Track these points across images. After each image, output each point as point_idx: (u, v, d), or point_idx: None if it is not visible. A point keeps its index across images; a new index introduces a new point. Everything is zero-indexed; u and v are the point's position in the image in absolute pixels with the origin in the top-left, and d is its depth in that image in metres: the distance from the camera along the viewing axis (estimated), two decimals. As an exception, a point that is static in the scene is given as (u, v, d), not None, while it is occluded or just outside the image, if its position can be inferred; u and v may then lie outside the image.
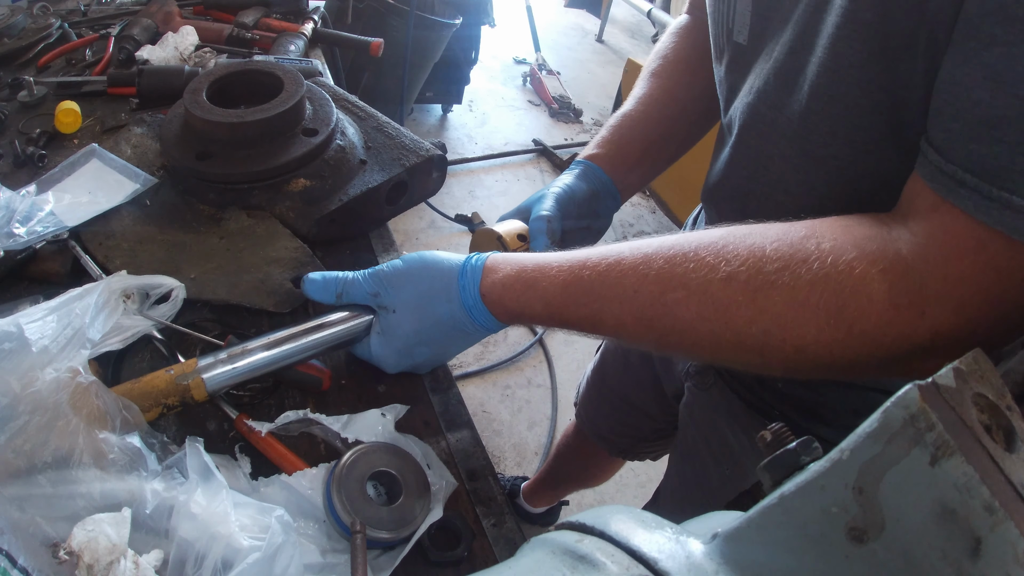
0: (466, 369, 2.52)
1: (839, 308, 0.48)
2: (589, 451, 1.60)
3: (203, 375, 0.68)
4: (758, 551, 0.34)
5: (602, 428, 1.42)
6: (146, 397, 0.67)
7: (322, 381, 0.80)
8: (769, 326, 0.51)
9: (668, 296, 0.54)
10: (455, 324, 0.68)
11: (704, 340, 0.54)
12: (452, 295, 0.66)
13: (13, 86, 1.22)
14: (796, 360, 0.52)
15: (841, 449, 0.30)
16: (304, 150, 0.96)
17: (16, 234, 0.85)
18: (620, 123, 0.94)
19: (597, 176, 0.89)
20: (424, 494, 0.69)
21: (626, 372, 1.27)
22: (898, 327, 0.48)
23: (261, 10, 1.49)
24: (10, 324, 0.63)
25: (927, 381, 0.29)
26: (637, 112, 0.94)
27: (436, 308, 0.68)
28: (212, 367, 0.69)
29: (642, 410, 1.29)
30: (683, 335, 0.55)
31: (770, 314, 0.50)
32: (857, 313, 0.48)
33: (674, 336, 0.55)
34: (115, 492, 0.58)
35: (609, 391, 1.35)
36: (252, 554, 0.54)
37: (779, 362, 0.53)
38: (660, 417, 1.25)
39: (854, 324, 0.48)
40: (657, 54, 0.99)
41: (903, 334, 0.48)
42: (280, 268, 0.89)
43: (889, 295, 0.48)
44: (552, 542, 0.40)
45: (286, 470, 0.70)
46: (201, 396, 0.69)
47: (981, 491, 0.27)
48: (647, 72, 0.98)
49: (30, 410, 0.59)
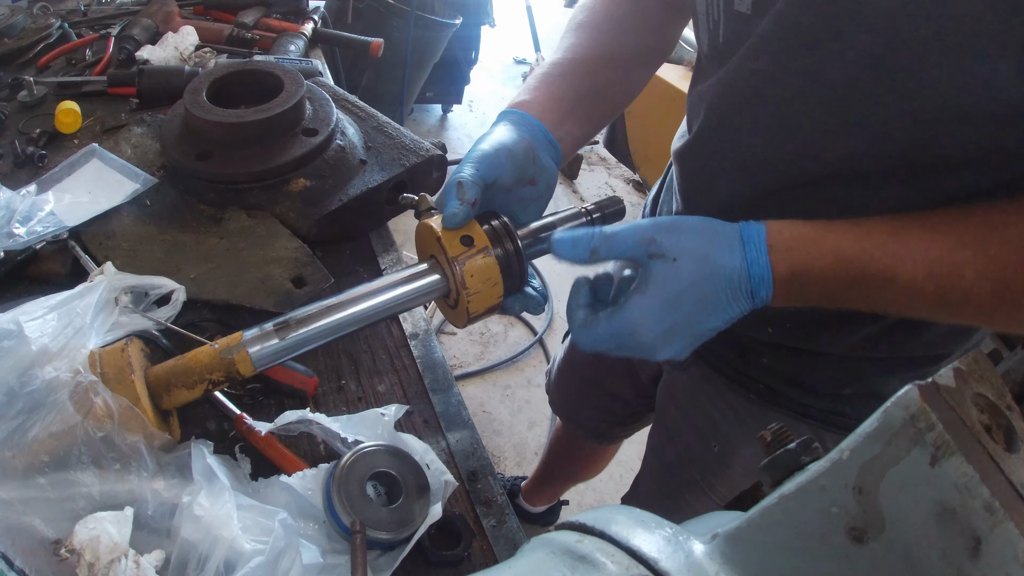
0: (466, 369, 2.52)
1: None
2: (577, 442, 1.63)
3: (248, 348, 0.65)
4: (758, 551, 0.34)
5: (578, 415, 1.44)
6: (190, 373, 0.65)
7: (306, 391, 0.79)
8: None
9: (956, 255, 0.57)
10: (731, 281, 0.62)
11: (985, 300, 0.58)
12: (735, 245, 0.62)
13: (13, 86, 1.22)
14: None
15: (841, 449, 0.30)
16: (304, 150, 0.96)
17: (16, 234, 0.85)
18: (549, 71, 0.84)
19: (527, 123, 0.77)
20: (424, 494, 0.69)
21: (598, 360, 1.27)
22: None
23: (261, 10, 1.49)
24: (9, 322, 0.62)
25: (927, 381, 0.29)
26: (567, 60, 0.85)
27: (719, 259, 0.61)
28: (258, 340, 0.65)
29: (616, 395, 1.30)
30: (966, 294, 0.58)
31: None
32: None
33: (957, 295, 0.58)
34: (115, 491, 0.58)
35: (581, 379, 1.36)
36: (255, 558, 0.54)
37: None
38: (635, 401, 1.28)
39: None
40: (583, 7, 0.91)
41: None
42: (280, 268, 0.89)
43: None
44: (552, 542, 0.40)
45: (286, 470, 0.70)
46: (247, 370, 0.65)
47: (981, 491, 0.27)
48: (574, 24, 0.90)
49: (29, 409, 0.59)
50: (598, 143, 3.79)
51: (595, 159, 3.84)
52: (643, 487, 1.27)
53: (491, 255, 0.68)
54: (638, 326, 0.63)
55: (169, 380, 0.66)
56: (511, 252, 0.69)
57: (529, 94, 0.81)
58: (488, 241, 0.68)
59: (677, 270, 0.61)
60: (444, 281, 0.69)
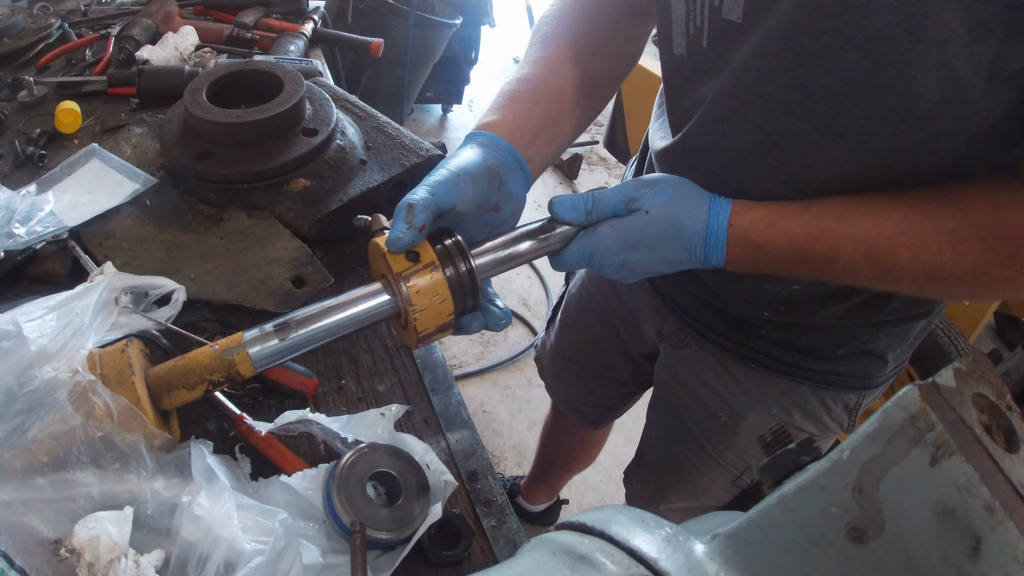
0: (466, 369, 2.52)
1: (1014, 254, 0.63)
2: (567, 429, 1.67)
3: (248, 349, 0.65)
4: (758, 551, 0.34)
5: (575, 401, 1.47)
6: (190, 374, 0.65)
7: (306, 391, 0.79)
8: (968, 267, 0.64)
9: (893, 240, 0.66)
10: (688, 245, 0.71)
11: (917, 277, 0.67)
12: (701, 215, 0.70)
13: (13, 86, 1.22)
14: (984, 294, 0.68)
15: (841, 449, 0.30)
16: (304, 150, 0.96)
17: (16, 234, 0.85)
18: (517, 88, 0.82)
19: (496, 145, 0.74)
20: (424, 494, 0.69)
21: (591, 346, 1.29)
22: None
23: (261, 10, 1.49)
24: (8, 323, 0.62)
25: (927, 381, 0.29)
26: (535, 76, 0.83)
27: (684, 222, 0.70)
28: (258, 341, 0.65)
29: (611, 378, 1.33)
30: (900, 272, 0.67)
31: (969, 259, 0.64)
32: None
33: (892, 272, 0.67)
34: (115, 491, 0.58)
35: (575, 364, 1.38)
36: (255, 558, 0.54)
37: (970, 296, 0.69)
38: (630, 380, 1.32)
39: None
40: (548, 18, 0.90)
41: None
42: (280, 268, 0.89)
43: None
44: (552, 542, 0.40)
45: (286, 470, 0.70)
46: (247, 371, 0.65)
47: (981, 491, 0.27)
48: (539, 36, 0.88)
49: (28, 409, 0.59)
50: (598, 143, 3.79)
51: (595, 159, 3.84)
52: (649, 460, 1.29)
53: (439, 272, 0.66)
54: (603, 251, 0.72)
55: (169, 381, 0.66)
56: (462, 270, 0.67)
57: (498, 114, 0.79)
58: (436, 257, 0.67)
59: (646, 222, 0.71)
60: (393, 301, 0.67)
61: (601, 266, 0.73)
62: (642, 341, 1.16)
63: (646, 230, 0.70)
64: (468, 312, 0.70)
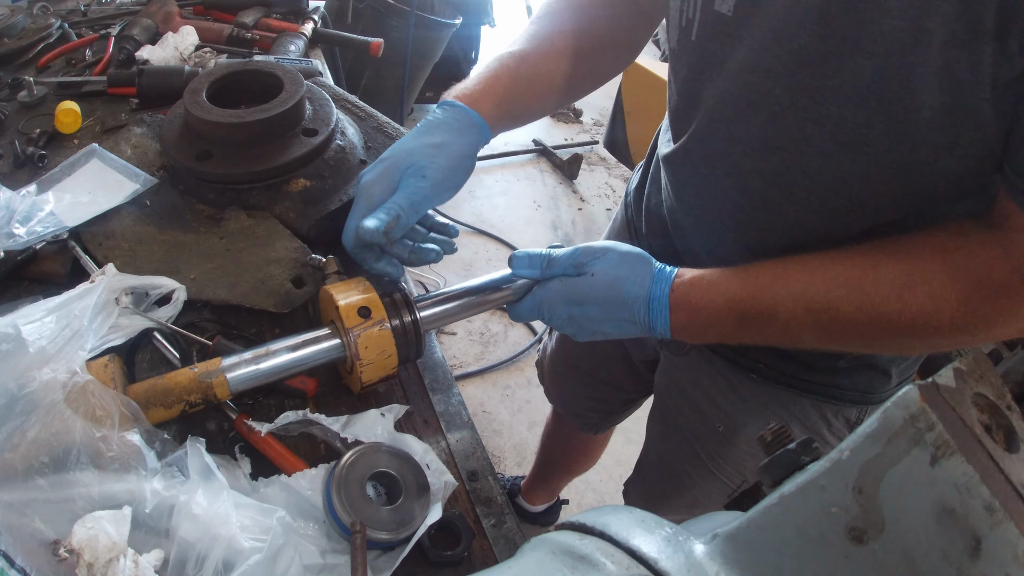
0: (466, 369, 2.52)
1: (966, 299, 0.62)
2: (568, 433, 1.67)
3: (227, 374, 0.69)
4: (758, 551, 0.34)
5: (576, 406, 1.47)
6: (169, 394, 0.67)
7: (306, 391, 0.80)
8: (916, 314, 0.63)
9: (832, 293, 0.66)
10: (631, 309, 0.74)
11: (863, 329, 0.66)
12: (645, 282, 0.74)
13: (13, 86, 1.22)
14: (935, 342, 0.66)
15: (841, 449, 0.30)
16: (304, 150, 0.96)
17: (16, 234, 0.85)
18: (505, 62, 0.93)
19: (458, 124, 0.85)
20: (424, 494, 0.69)
21: (592, 350, 1.30)
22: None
23: (261, 10, 1.49)
24: (7, 325, 0.62)
25: (927, 381, 0.29)
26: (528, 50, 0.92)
27: (628, 287, 0.74)
28: (236, 367, 0.70)
29: (612, 384, 1.34)
30: (846, 326, 0.66)
31: (915, 305, 0.63)
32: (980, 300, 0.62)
33: (836, 326, 0.67)
34: (114, 491, 0.58)
35: (575, 370, 1.39)
36: (253, 556, 0.54)
37: (923, 345, 0.68)
38: (631, 388, 1.32)
39: (978, 309, 0.62)
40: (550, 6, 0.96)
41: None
42: (280, 268, 0.89)
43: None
44: (552, 542, 0.40)
45: (286, 470, 0.70)
46: (224, 394, 0.69)
47: (981, 491, 0.27)
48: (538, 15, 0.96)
49: (27, 410, 0.59)
50: (597, 143, 3.79)
51: (595, 159, 3.84)
52: (648, 471, 1.29)
53: (387, 327, 0.73)
54: (551, 303, 0.77)
55: (148, 399, 0.67)
56: (408, 324, 0.75)
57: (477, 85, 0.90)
58: (385, 314, 0.73)
59: (591, 283, 0.75)
60: (341, 348, 0.74)
61: (550, 318, 0.78)
62: (643, 348, 1.17)
63: (591, 289, 0.75)
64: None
